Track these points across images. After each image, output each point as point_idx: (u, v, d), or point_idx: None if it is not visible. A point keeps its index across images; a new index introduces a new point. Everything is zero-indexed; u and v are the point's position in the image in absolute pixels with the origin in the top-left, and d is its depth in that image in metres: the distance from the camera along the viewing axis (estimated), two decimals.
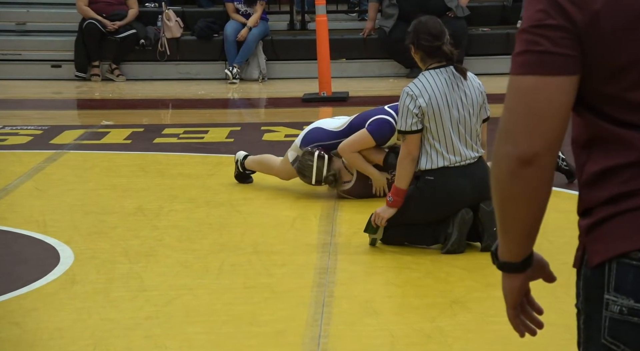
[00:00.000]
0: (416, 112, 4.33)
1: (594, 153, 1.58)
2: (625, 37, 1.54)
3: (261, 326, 3.71)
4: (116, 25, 10.28)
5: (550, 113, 1.54)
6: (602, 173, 1.57)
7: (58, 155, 6.96)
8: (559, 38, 1.55)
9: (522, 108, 1.55)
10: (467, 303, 3.89)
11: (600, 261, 1.56)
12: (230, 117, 9.19)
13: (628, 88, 1.56)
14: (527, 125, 1.54)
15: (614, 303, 1.54)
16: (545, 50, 1.55)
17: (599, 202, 1.57)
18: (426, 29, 4.36)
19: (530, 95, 1.54)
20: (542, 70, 1.55)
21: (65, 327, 3.75)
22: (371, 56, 10.34)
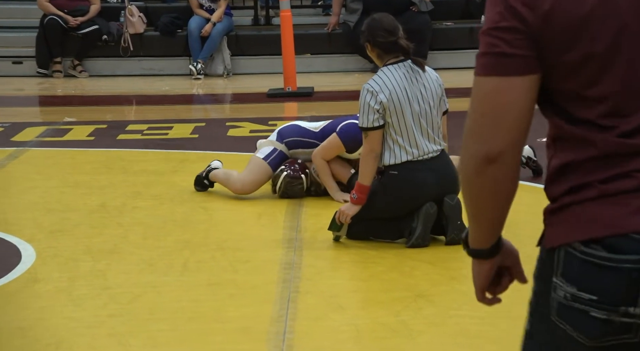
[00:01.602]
0: (377, 107, 4.33)
1: (557, 150, 1.65)
2: (576, 35, 1.59)
3: (226, 323, 3.69)
4: (78, 21, 10.18)
5: (512, 112, 1.60)
6: (562, 168, 1.63)
7: (20, 152, 6.88)
8: (514, 39, 1.60)
9: (485, 109, 1.61)
10: (432, 297, 3.91)
11: (552, 246, 1.63)
12: (194, 113, 9.14)
13: (584, 84, 1.61)
14: (490, 125, 1.60)
15: (560, 288, 1.61)
16: (502, 52, 1.61)
17: (560, 193, 1.63)
18: (380, 26, 4.34)
19: (491, 95, 1.61)
20: (501, 71, 1.61)
21: (28, 326, 3.70)
22: (336, 51, 10.34)
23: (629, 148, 1.57)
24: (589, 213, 1.59)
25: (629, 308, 1.56)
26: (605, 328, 1.58)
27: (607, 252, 1.56)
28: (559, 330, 1.62)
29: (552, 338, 1.64)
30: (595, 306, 1.58)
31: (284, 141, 5.43)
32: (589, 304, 1.58)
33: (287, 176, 5.28)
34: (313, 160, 5.26)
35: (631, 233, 1.55)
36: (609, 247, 1.56)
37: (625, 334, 1.58)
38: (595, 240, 1.57)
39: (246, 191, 5.37)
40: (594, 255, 1.57)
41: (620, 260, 1.55)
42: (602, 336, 1.59)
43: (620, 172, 1.57)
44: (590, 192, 1.59)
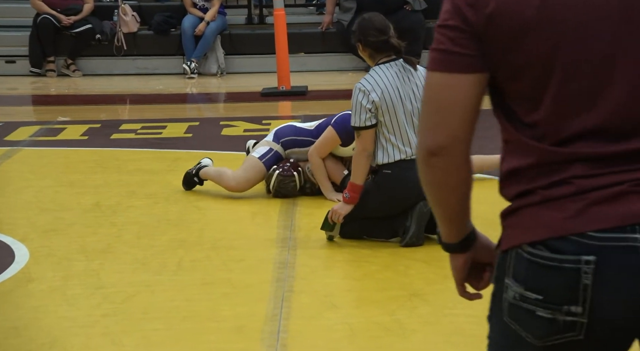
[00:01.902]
0: (369, 107, 4.34)
1: (506, 153, 1.71)
2: (519, 38, 1.63)
3: (220, 322, 3.69)
4: (71, 20, 10.16)
5: (453, 107, 1.65)
6: (510, 173, 1.69)
7: (13, 151, 6.87)
8: (457, 38, 1.65)
9: (432, 103, 1.68)
10: (426, 296, 3.91)
11: (505, 248, 1.69)
12: (188, 112, 9.13)
13: (528, 86, 1.65)
14: (433, 118, 1.67)
15: (511, 288, 1.66)
16: (446, 49, 1.66)
17: (511, 197, 1.70)
18: (371, 25, 4.35)
19: (435, 90, 1.67)
20: (445, 67, 1.66)
21: (22, 326, 3.70)
22: (330, 50, 10.34)
23: (564, 157, 1.62)
24: (534, 217, 1.64)
25: (571, 306, 1.60)
26: (551, 327, 1.62)
27: (549, 252, 1.61)
28: (510, 330, 1.67)
29: (506, 340, 1.69)
30: (541, 305, 1.62)
31: (280, 141, 5.44)
32: (535, 304, 1.63)
33: (279, 175, 5.28)
34: (309, 159, 5.26)
35: (569, 235, 1.60)
36: (551, 248, 1.61)
37: (570, 332, 1.62)
38: (540, 242, 1.62)
39: (240, 189, 5.37)
40: (538, 255, 1.62)
41: (561, 260, 1.60)
42: (548, 335, 1.63)
43: (559, 179, 1.62)
44: (534, 197, 1.64)
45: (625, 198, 1.59)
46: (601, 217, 1.59)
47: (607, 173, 1.60)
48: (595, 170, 1.61)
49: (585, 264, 1.59)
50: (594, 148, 1.61)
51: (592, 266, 1.59)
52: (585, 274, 1.59)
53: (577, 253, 1.59)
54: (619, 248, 1.58)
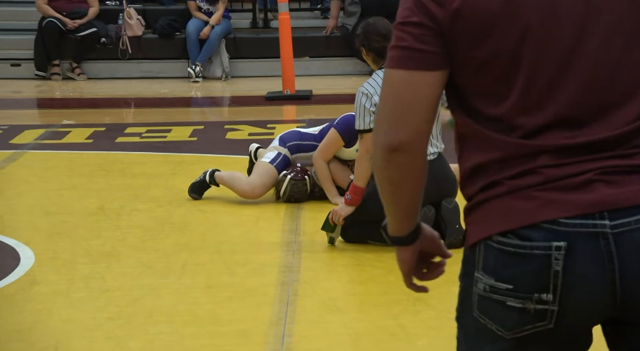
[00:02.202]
0: (373, 109, 4.36)
1: (465, 150, 1.71)
2: (484, 32, 1.64)
3: (225, 326, 3.69)
4: (76, 24, 10.18)
5: (415, 105, 1.66)
6: (473, 170, 1.70)
7: (18, 155, 6.88)
8: (421, 35, 1.65)
9: (391, 100, 1.68)
10: (430, 300, 3.91)
11: (473, 242, 1.69)
12: (193, 116, 9.14)
13: (493, 81, 1.66)
14: (394, 115, 1.67)
15: (480, 281, 1.67)
16: (409, 46, 1.66)
17: (474, 192, 1.70)
18: (375, 30, 4.40)
19: (397, 87, 1.67)
20: (408, 65, 1.66)
21: (26, 329, 3.70)
22: (334, 54, 10.35)
23: (531, 149, 1.63)
24: (502, 207, 1.65)
25: (541, 294, 1.62)
26: (521, 317, 1.64)
27: (520, 240, 1.63)
28: (480, 325, 1.68)
29: (476, 336, 1.70)
30: (511, 295, 1.63)
31: (287, 146, 5.45)
32: (505, 294, 1.64)
33: (292, 179, 5.28)
34: (314, 163, 5.27)
35: (540, 222, 1.62)
36: (521, 236, 1.63)
37: (540, 321, 1.63)
38: (510, 231, 1.63)
39: (255, 194, 5.35)
40: (509, 244, 1.63)
41: (531, 247, 1.62)
42: (518, 325, 1.64)
43: (527, 168, 1.64)
44: (500, 188, 1.65)
45: (592, 186, 1.61)
46: (570, 204, 1.61)
47: (573, 162, 1.62)
48: (561, 159, 1.62)
49: (556, 250, 1.60)
50: (560, 139, 1.63)
51: (563, 253, 1.60)
52: (556, 260, 1.60)
53: (548, 239, 1.61)
54: (588, 234, 1.60)
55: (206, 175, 5.48)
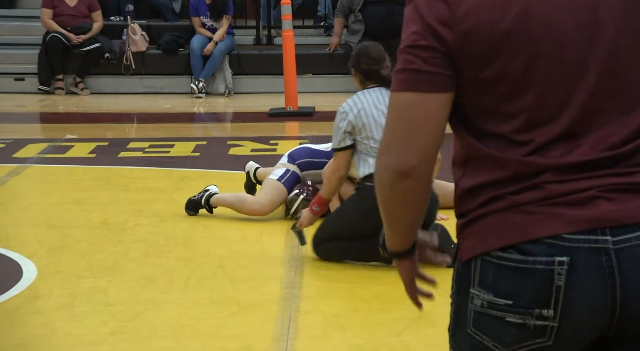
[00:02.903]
0: (345, 128, 4.43)
1: (468, 170, 1.71)
2: (493, 54, 1.65)
3: (227, 341, 3.70)
4: (80, 39, 10.22)
5: (426, 128, 1.67)
6: (473, 189, 1.70)
7: (21, 168, 6.90)
8: (430, 57, 1.66)
9: (401, 123, 1.68)
10: (432, 318, 3.91)
11: (468, 258, 1.69)
12: (196, 131, 9.16)
13: (500, 99, 1.67)
14: (405, 139, 1.67)
15: (477, 297, 1.67)
16: (419, 69, 1.66)
17: (471, 209, 1.70)
18: (367, 53, 4.49)
19: (407, 110, 1.67)
20: (417, 88, 1.67)
21: (29, 343, 3.70)
22: (337, 71, 10.38)
23: (537, 168, 1.64)
24: (501, 222, 1.65)
25: (542, 310, 1.62)
26: (521, 333, 1.63)
27: (521, 255, 1.63)
28: (475, 342, 1.68)
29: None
30: (510, 311, 1.63)
31: (296, 163, 5.46)
32: (504, 309, 1.63)
33: (304, 199, 5.29)
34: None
35: (543, 237, 1.62)
36: (523, 251, 1.63)
37: (539, 338, 1.63)
38: (511, 246, 1.63)
39: (265, 212, 5.34)
40: (509, 259, 1.63)
41: (533, 262, 1.62)
42: (516, 342, 1.64)
43: (530, 184, 1.65)
44: (501, 203, 1.66)
45: (595, 202, 1.62)
46: (573, 219, 1.61)
47: (576, 179, 1.63)
48: (564, 176, 1.63)
49: (559, 265, 1.60)
50: (563, 156, 1.64)
51: (566, 268, 1.61)
52: (558, 275, 1.60)
53: (551, 254, 1.61)
54: (590, 249, 1.61)
55: (202, 198, 5.45)
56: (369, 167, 4.38)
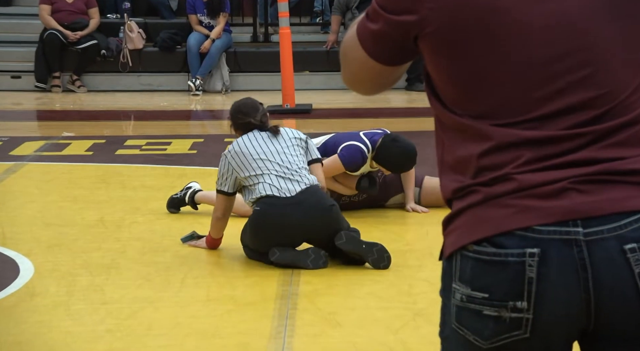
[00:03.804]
0: (225, 171, 4.63)
1: (447, 143, 1.71)
2: (461, 42, 1.65)
3: (224, 339, 3.69)
4: (78, 36, 10.21)
5: (371, 82, 1.78)
6: (454, 164, 1.70)
7: (18, 166, 6.89)
8: (392, 25, 1.68)
9: (351, 68, 1.79)
10: (430, 316, 3.91)
11: (449, 253, 1.69)
12: (193, 129, 9.16)
13: (470, 80, 1.66)
14: (351, 77, 1.81)
15: (458, 291, 1.67)
16: (378, 32, 1.70)
17: (451, 192, 1.70)
18: (238, 109, 4.84)
19: (359, 64, 1.75)
20: (370, 51, 1.72)
21: (25, 341, 3.70)
22: (334, 69, 10.38)
23: (509, 140, 1.63)
24: (477, 216, 1.66)
25: (516, 302, 1.62)
26: (497, 326, 1.64)
27: (494, 248, 1.63)
28: (459, 337, 1.68)
29: (456, 348, 1.69)
30: (487, 304, 1.64)
31: None
32: (481, 303, 1.64)
33: None
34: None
35: (514, 229, 1.62)
36: (496, 243, 1.63)
37: (516, 330, 1.63)
38: (485, 239, 1.64)
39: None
40: (484, 252, 1.64)
41: (505, 254, 1.62)
42: (495, 334, 1.64)
43: (499, 175, 1.64)
44: (476, 196, 1.66)
45: (567, 194, 1.62)
46: (545, 211, 1.61)
47: (546, 168, 1.63)
48: (534, 165, 1.63)
49: (530, 257, 1.61)
50: (535, 132, 1.63)
51: (537, 259, 1.61)
52: (529, 267, 1.61)
53: (522, 246, 1.61)
54: (562, 241, 1.61)
55: (185, 196, 5.45)
56: (255, 193, 4.54)
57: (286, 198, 4.48)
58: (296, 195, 4.49)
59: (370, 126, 8.55)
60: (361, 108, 9.58)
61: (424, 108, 9.59)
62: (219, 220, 4.70)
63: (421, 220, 5.37)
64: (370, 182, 5.35)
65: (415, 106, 9.74)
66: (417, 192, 5.58)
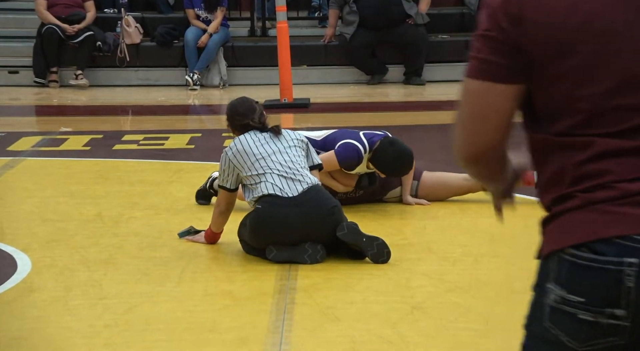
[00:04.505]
0: (226, 168, 4.65)
1: (544, 162, 1.73)
2: (558, 45, 1.67)
3: (222, 334, 3.70)
4: (75, 29, 10.19)
5: (491, 117, 1.71)
6: (549, 178, 1.72)
7: (15, 162, 6.88)
8: (495, 48, 1.69)
9: (466, 108, 1.73)
10: (427, 309, 3.91)
11: (546, 253, 1.70)
12: (190, 124, 9.15)
13: (568, 93, 1.69)
14: (469, 128, 1.73)
15: (552, 292, 1.67)
16: (485, 59, 1.70)
17: (550, 202, 1.72)
18: (235, 110, 4.86)
19: (473, 97, 1.72)
20: (484, 77, 1.70)
21: (23, 336, 3.70)
22: (332, 63, 10.37)
23: (614, 147, 1.65)
24: (577, 220, 1.67)
25: (614, 310, 1.62)
26: (593, 331, 1.64)
27: (592, 254, 1.64)
28: (550, 336, 1.68)
29: (545, 346, 1.69)
30: (582, 308, 1.64)
31: None
32: (577, 306, 1.65)
33: None
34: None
35: (613, 237, 1.63)
36: (594, 250, 1.64)
37: (612, 336, 1.64)
38: (583, 244, 1.65)
39: None
40: (582, 257, 1.65)
41: (605, 262, 1.63)
42: (590, 338, 1.65)
43: (599, 182, 1.66)
44: (574, 201, 1.67)
45: None
46: None
47: None
48: (634, 173, 1.64)
49: (628, 266, 1.61)
50: (633, 142, 1.65)
51: (635, 269, 1.61)
52: (628, 277, 1.61)
53: (620, 255, 1.61)
54: None
55: (207, 185, 5.50)
56: (257, 192, 4.54)
57: (288, 198, 4.48)
58: (298, 195, 4.49)
59: (367, 120, 8.57)
60: (359, 102, 9.57)
61: (421, 102, 9.59)
62: (222, 214, 4.70)
63: (420, 214, 5.37)
64: (370, 181, 5.36)
65: (413, 100, 9.73)
66: (415, 185, 5.58)
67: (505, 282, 4.19)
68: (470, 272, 4.36)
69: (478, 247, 4.73)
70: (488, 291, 4.12)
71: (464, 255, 4.60)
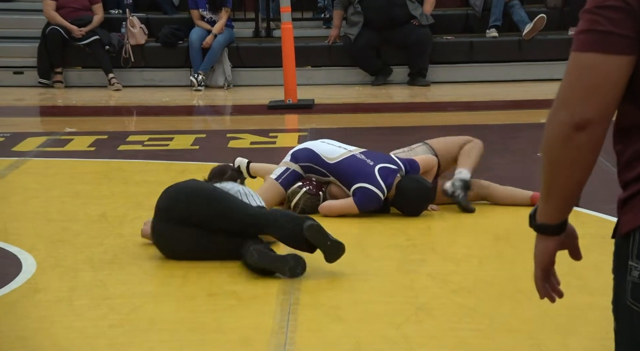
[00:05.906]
0: None
1: (632, 138, 1.71)
2: None
3: (227, 334, 3.70)
4: (83, 31, 10.20)
5: (605, 87, 1.68)
6: (630, 160, 1.71)
7: (20, 162, 6.90)
8: (618, 19, 1.67)
9: (581, 81, 1.69)
10: (432, 310, 3.91)
11: (627, 230, 1.69)
12: (195, 124, 9.16)
13: None
14: (583, 95, 1.69)
15: (635, 268, 1.67)
16: (606, 30, 1.67)
17: (632, 179, 1.71)
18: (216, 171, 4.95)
19: (589, 70, 1.69)
20: (603, 49, 1.68)
21: (28, 336, 3.71)
22: (336, 63, 10.37)
23: None
24: None
25: None
26: None
27: None
28: (635, 314, 1.67)
29: (630, 326, 1.69)
30: None
31: (299, 163, 5.44)
32: None
33: (306, 192, 5.30)
34: (320, 211, 5.28)
35: None
36: None
37: None
38: None
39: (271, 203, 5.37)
40: None
41: None
42: None
43: None
44: None
45: None
46: None
47: None
48: None
49: None
50: None
51: None
52: None
53: None
54: None
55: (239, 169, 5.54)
56: None
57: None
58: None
59: (372, 121, 8.57)
60: (364, 103, 9.57)
61: (425, 103, 9.58)
62: None
63: (424, 215, 5.37)
64: (384, 210, 5.36)
65: (417, 101, 9.73)
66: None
67: (510, 283, 4.19)
68: (474, 273, 4.36)
69: (482, 248, 4.73)
70: (492, 292, 4.12)
71: (468, 256, 4.59)
